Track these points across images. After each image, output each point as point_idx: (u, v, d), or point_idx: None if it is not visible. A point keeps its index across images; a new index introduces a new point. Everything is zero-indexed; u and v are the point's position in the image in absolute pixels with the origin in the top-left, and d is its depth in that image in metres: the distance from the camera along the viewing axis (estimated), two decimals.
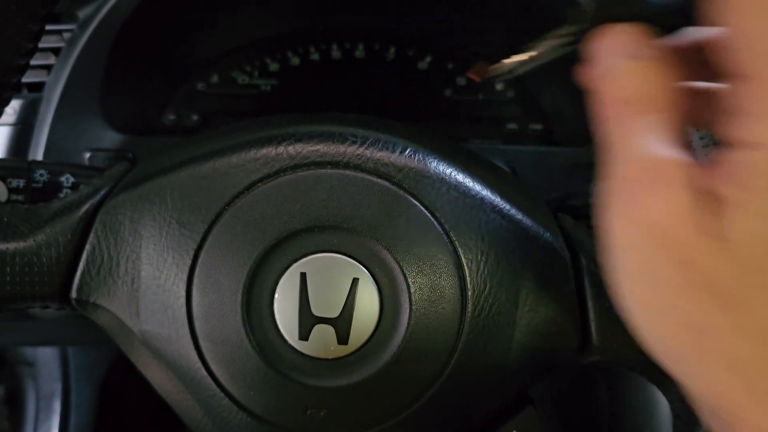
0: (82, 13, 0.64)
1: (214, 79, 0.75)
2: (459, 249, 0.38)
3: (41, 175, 0.53)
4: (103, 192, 0.41)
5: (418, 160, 0.39)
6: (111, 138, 0.67)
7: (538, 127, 0.75)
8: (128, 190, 0.40)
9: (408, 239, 0.38)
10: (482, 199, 0.39)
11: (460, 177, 0.39)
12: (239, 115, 0.75)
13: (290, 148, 0.39)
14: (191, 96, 0.75)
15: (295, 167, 0.38)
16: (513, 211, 0.40)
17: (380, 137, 0.40)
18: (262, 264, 0.38)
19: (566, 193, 0.57)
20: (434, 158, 0.40)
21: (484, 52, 0.75)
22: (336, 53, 0.76)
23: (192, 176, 0.39)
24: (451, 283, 0.38)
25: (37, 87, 0.66)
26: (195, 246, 0.38)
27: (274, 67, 0.76)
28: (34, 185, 0.53)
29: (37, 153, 0.64)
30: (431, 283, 0.38)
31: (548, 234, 0.40)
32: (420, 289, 0.38)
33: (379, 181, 0.38)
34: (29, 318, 0.66)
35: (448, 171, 0.39)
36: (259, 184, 0.38)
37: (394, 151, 0.39)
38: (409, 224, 0.38)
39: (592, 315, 0.39)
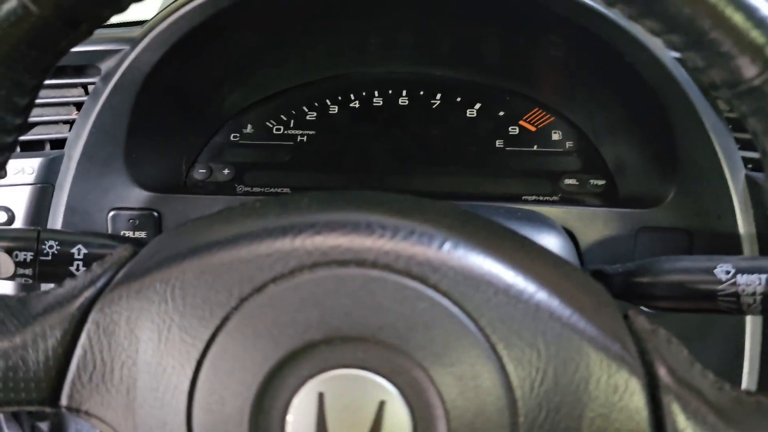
0: (104, 66, 0.61)
1: (248, 129, 0.71)
2: (508, 365, 0.33)
3: (50, 246, 0.51)
4: (100, 283, 0.37)
5: (459, 256, 0.34)
6: (136, 196, 0.64)
7: (600, 182, 0.68)
8: (125, 284, 0.36)
9: (446, 354, 0.33)
10: (537, 303, 0.33)
11: (511, 276, 0.34)
12: (274, 168, 0.71)
13: (308, 242, 0.34)
14: (223, 148, 0.71)
15: (313, 266, 0.33)
16: (575, 318, 0.34)
17: (414, 227, 0.34)
18: (273, 380, 0.33)
19: (632, 266, 0.51)
20: (479, 253, 0.34)
21: (539, 98, 0.70)
22: (377, 100, 0.72)
23: (196, 271, 0.35)
24: (499, 408, 0.33)
25: (60, 143, 0.63)
26: (197, 355, 0.34)
27: (311, 115, 0.72)
28: (42, 258, 0.50)
29: (58, 214, 0.62)
30: (474, 408, 0.33)
31: (618, 344, 0.34)
32: (460, 415, 0.33)
33: (412, 283, 0.33)
34: None
35: (496, 269, 0.34)
36: (272, 285, 0.33)
37: (430, 245, 0.34)
38: (447, 336, 0.33)
39: None
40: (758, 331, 0.57)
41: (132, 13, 0.64)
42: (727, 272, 0.46)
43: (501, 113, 0.70)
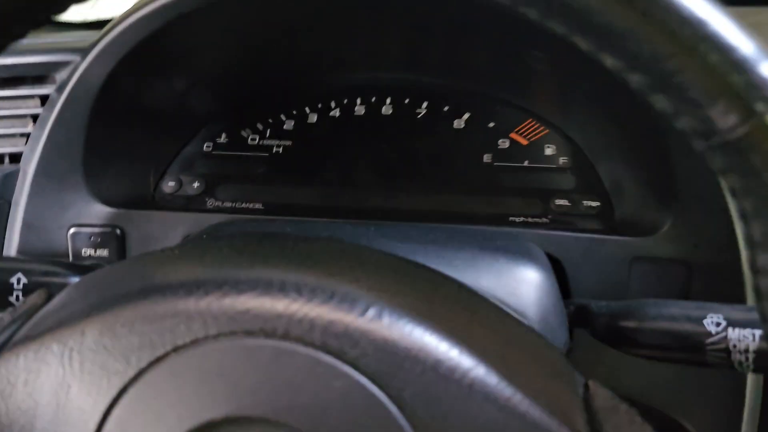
0: (59, 76, 0.57)
1: (222, 138, 0.68)
2: None
3: None
4: (4, 336, 0.35)
5: (383, 326, 0.29)
6: (97, 212, 0.61)
7: (594, 204, 0.63)
8: (25, 343, 0.33)
9: None
10: (471, 383, 0.29)
11: (443, 349, 0.30)
12: (247, 182, 0.67)
13: (214, 305, 0.30)
14: (194, 159, 0.68)
15: (218, 334, 0.30)
16: (516, 398, 0.29)
17: (334, 288, 0.30)
18: None
19: (618, 307, 0.47)
20: (407, 321, 0.30)
21: (533, 109, 0.65)
22: (359, 108, 0.67)
23: (95, 332, 0.31)
24: None
25: (16, 158, 0.60)
26: (94, 428, 0.31)
27: (288, 124, 0.68)
28: None
29: (14, 231, 0.59)
30: None
31: (565, 430, 0.30)
32: None
33: (328, 358, 0.29)
34: None
35: (426, 340, 0.30)
36: (173, 354, 0.30)
37: (351, 311, 0.30)
38: (365, 421, 0.29)
39: None
40: (759, 391, 0.52)
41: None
42: (718, 324, 0.43)
43: (491, 124, 0.66)
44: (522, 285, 0.49)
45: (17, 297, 0.48)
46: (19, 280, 0.48)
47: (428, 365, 0.29)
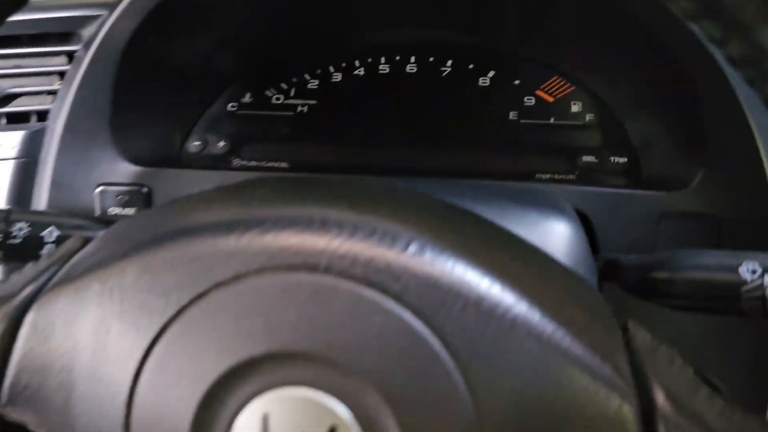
0: (86, 32, 0.58)
1: (246, 98, 0.69)
2: (478, 392, 0.29)
3: (20, 229, 0.50)
4: (43, 279, 0.36)
5: (425, 261, 0.30)
6: (124, 171, 0.62)
7: (622, 161, 0.64)
8: (65, 283, 0.34)
9: (406, 376, 0.29)
10: (513, 319, 0.30)
11: (485, 285, 0.30)
12: (272, 141, 0.69)
13: (255, 242, 0.31)
14: (219, 119, 0.69)
15: (258, 271, 0.31)
16: (558, 335, 0.30)
17: (375, 225, 0.31)
18: (213, 398, 0.31)
19: (650, 258, 0.49)
20: (449, 257, 0.31)
21: (558, 66, 0.66)
22: (383, 67, 0.68)
23: (136, 271, 0.32)
24: None
25: (43, 116, 0.61)
26: (135, 366, 0.32)
27: (313, 84, 0.69)
28: (10, 241, 0.50)
29: (42, 190, 0.60)
30: None
31: (607, 367, 0.30)
32: None
33: (370, 293, 0.30)
34: None
35: (468, 277, 0.30)
36: (214, 291, 0.31)
37: (393, 247, 0.30)
38: (408, 355, 0.29)
39: None
40: None
41: None
42: (754, 271, 0.44)
43: (516, 82, 0.66)
44: (552, 238, 0.51)
45: (49, 250, 0.49)
46: (51, 233, 0.49)
47: (470, 301, 0.30)
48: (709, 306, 0.46)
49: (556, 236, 0.51)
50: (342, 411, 0.30)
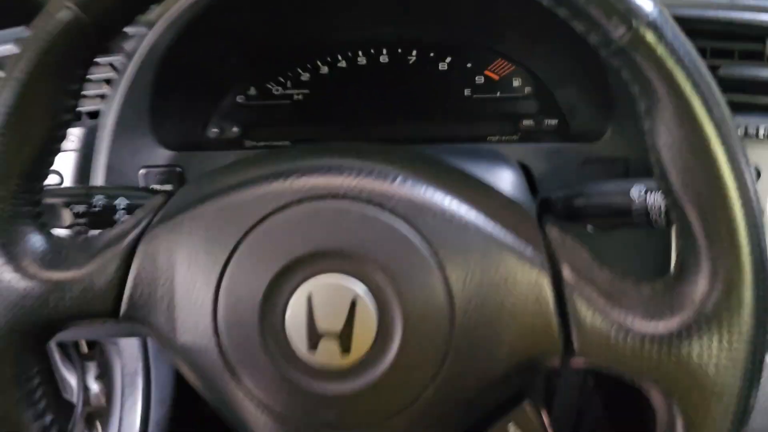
0: (128, 46, 0.70)
1: (252, 91, 0.79)
2: (446, 268, 0.40)
3: (98, 200, 0.60)
4: (143, 224, 0.45)
5: (408, 187, 0.41)
6: (162, 155, 0.73)
7: (554, 122, 0.76)
8: (162, 223, 0.43)
9: (401, 260, 0.40)
10: (467, 221, 0.41)
11: (448, 201, 0.41)
12: (276, 125, 0.79)
13: (294, 183, 0.41)
14: (231, 109, 0.79)
15: (299, 200, 0.41)
16: (497, 230, 0.41)
17: (374, 168, 0.42)
18: (273, 286, 0.41)
19: (573, 191, 0.59)
20: (424, 184, 0.42)
21: (501, 50, 0.77)
22: (362, 59, 0.79)
23: (214, 210, 0.42)
24: (440, 299, 0.40)
25: (95, 115, 0.72)
26: (219, 271, 0.41)
27: (305, 76, 0.79)
28: (93, 209, 0.59)
29: (98, 174, 0.70)
30: (423, 299, 0.40)
31: (530, 248, 0.42)
32: (412, 304, 0.40)
33: (373, 209, 0.41)
34: None
35: (437, 196, 0.41)
36: (270, 217, 0.41)
37: (386, 180, 0.41)
38: (401, 246, 0.40)
39: (573, 323, 0.40)
40: None
41: None
42: (639, 192, 0.53)
43: (468, 65, 0.77)
44: (500, 183, 0.62)
45: (120, 215, 0.60)
46: (122, 202, 0.60)
47: (438, 211, 0.41)
48: (611, 221, 0.55)
49: (503, 182, 0.62)
50: (360, 287, 0.40)
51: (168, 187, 0.73)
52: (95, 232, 0.50)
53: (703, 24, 0.66)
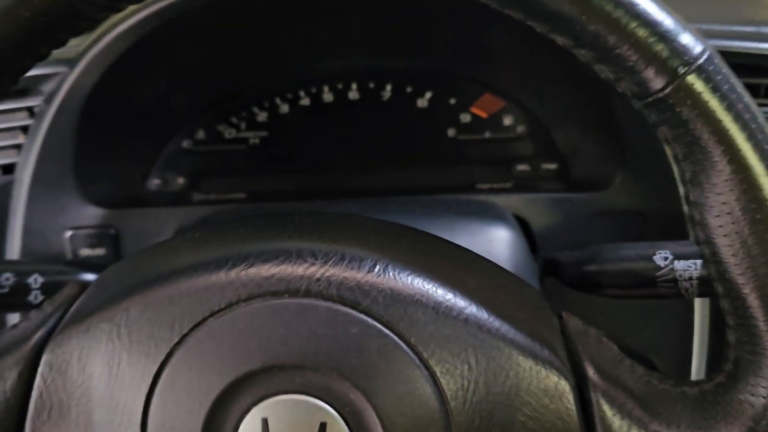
0: (46, 88, 0.61)
1: (200, 135, 0.72)
2: (441, 380, 0.34)
3: (6, 279, 0.52)
4: (51, 323, 0.39)
5: (387, 278, 0.35)
6: (91, 214, 0.65)
7: (552, 167, 0.69)
8: (74, 324, 0.37)
9: (381, 375, 0.34)
10: (466, 318, 0.35)
11: (440, 292, 0.35)
12: (229, 174, 0.72)
13: (243, 275, 0.35)
14: (176, 157, 0.72)
15: (248, 298, 0.35)
16: (505, 327, 0.35)
17: (344, 252, 0.36)
18: (219, 409, 0.35)
19: (584, 254, 0.53)
20: (408, 273, 0.36)
21: (489, 83, 0.71)
22: (328, 96, 0.72)
23: (139, 308, 0.36)
24: (434, 421, 0.34)
25: (10, 169, 0.63)
26: (146, 389, 0.35)
27: (262, 116, 0.72)
28: (0, 290, 0.52)
29: (15, 238, 0.62)
30: (411, 423, 0.34)
31: (546, 350, 0.36)
32: (399, 430, 0.34)
33: (344, 309, 0.35)
34: None
35: (425, 287, 0.35)
36: (211, 319, 0.35)
37: (360, 269, 0.35)
38: (381, 357, 0.34)
39: None
40: (706, 314, 0.58)
41: None
42: (665, 258, 0.48)
43: (452, 101, 0.71)
44: (494, 244, 0.56)
45: (35, 296, 0.52)
46: (36, 280, 0.52)
47: (429, 307, 0.34)
48: (633, 293, 0.50)
49: (498, 242, 0.55)
50: (328, 411, 0.34)
51: (101, 252, 0.66)
52: None
53: (734, 58, 0.58)
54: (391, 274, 0.35)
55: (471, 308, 0.35)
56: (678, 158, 0.35)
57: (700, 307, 0.59)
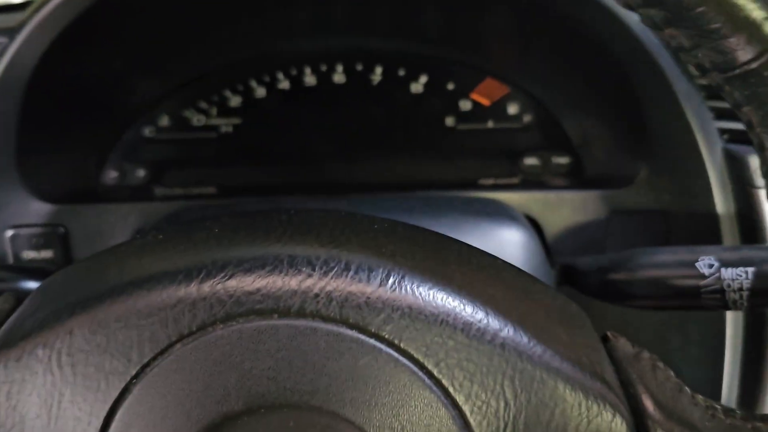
0: None
1: (164, 121, 0.65)
2: (471, 421, 0.29)
3: None
4: None
5: (404, 292, 0.29)
6: (37, 210, 0.58)
7: (564, 161, 0.64)
8: (3, 350, 0.31)
9: (395, 416, 0.29)
10: (503, 342, 0.29)
11: (469, 311, 0.29)
12: (196, 165, 0.65)
13: (219, 288, 0.29)
14: (136, 145, 0.65)
15: (227, 318, 0.28)
16: (548, 354, 0.30)
17: (348, 259, 0.29)
18: None
19: (606, 260, 0.48)
20: (428, 285, 0.29)
21: (492, 67, 0.65)
22: (310, 79, 0.66)
23: (84, 331, 0.30)
24: None
25: None
26: None
27: (235, 101, 0.66)
28: None
29: None
30: None
31: (598, 382, 0.30)
32: None
33: (350, 333, 0.28)
34: None
35: (451, 304, 0.29)
36: (178, 345, 0.29)
37: (369, 282, 0.29)
38: (396, 394, 0.29)
39: None
40: (739, 330, 0.54)
41: None
42: (710, 266, 0.44)
43: (450, 87, 0.65)
44: (507, 247, 0.50)
45: None
46: None
47: (458, 328, 0.29)
48: (670, 304, 0.46)
49: (512, 245, 0.50)
50: None
51: (48, 255, 0.58)
52: None
53: None
54: (408, 287, 0.29)
55: (507, 330, 0.30)
56: (765, 147, 0.30)
57: (732, 318, 0.53)
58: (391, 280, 0.29)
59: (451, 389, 0.29)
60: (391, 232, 0.33)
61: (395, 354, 0.28)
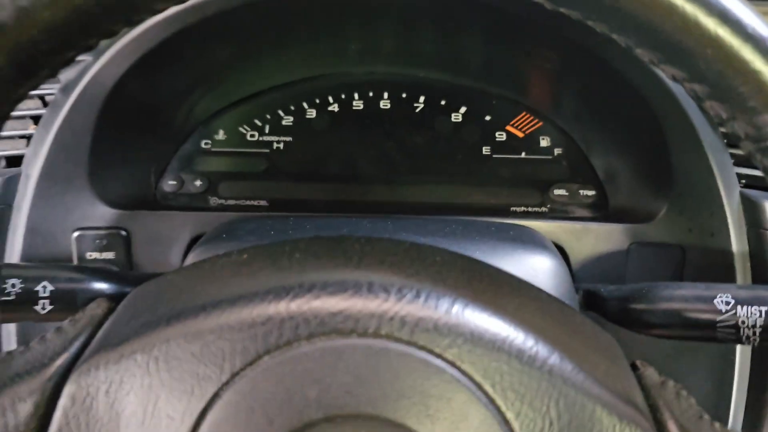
0: (63, 77, 0.56)
1: (219, 135, 0.67)
2: None
3: (13, 285, 0.47)
4: (74, 348, 0.34)
5: (467, 319, 0.31)
6: (101, 214, 0.60)
7: (590, 194, 0.66)
8: (103, 352, 0.32)
9: (455, 429, 0.30)
10: (551, 369, 0.31)
11: (522, 338, 0.32)
12: (249, 178, 0.68)
13: (305, 308, 0.31)
14: (193, 157, 0.67)
15: (311, 336, 0.31)
16: (588, 382, 0.32)
17: (419, 288, 0.32)
18: None
19: (628, 290, 0.50)
20: (488, 314, 0.32)
21: (526, 102, 0.68)
22: (357, 103, 0.68)
23: (180, 339, 0.31)
24: None
25: (16, 161, 0.58)
26: None
27: (287, 120, 0.68)
28: (4, 298, 0.47)
29: (17, 237, 0.57)
30: None
31: (630, 408, 0.32)
32: None
33: (420, 353, 0.31)
34: None
35: (507, 332, 0.32)
36: (266, 357, 0.31)
37: (437, 309, 0.31)
38: (456, 410, 0.30)
39: None
40: (747, 360, 0.56)
41: None
42: (727, 303, 0.46)
43: (487, 118, 0.68)
44: (540, 273, 0.52)
45: (43, 306, 0.47)
46: (45, 288, 0.47)
47: (513, 354, 0.31)
48: (685, 334, 0.48)
49: (544, 272, 0.52)
50: None
51: (110, 256, 0.60)
52: None
53: None
54: (470, 315, 0.31)
55: (554, 358, 0.32)
56: None
57: (741, 348, 0.56)
58: (456, 308, 0.31)
59: (503, 407, 0.31)
60: (452, 263, 0.36)
61: (457, 374, 0.30)
